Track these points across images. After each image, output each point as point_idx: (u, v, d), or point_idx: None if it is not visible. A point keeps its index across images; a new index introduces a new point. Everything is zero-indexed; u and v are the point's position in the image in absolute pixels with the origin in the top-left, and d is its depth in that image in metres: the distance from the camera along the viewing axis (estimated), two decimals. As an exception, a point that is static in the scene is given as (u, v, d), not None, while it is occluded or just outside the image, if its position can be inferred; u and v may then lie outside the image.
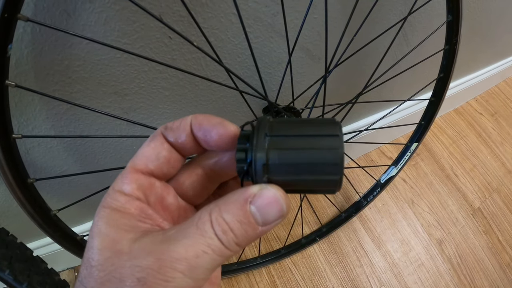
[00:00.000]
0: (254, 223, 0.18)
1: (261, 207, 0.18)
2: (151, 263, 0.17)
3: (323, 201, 1.07)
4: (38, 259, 0.52)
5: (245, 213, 0.18)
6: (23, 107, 0.43)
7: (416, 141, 0.80)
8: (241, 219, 0.18)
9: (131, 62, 0.43)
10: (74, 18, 0.37)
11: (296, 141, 0.18)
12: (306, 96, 0.59)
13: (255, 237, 0.18)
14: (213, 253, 0.17)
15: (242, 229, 0.18)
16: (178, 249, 0.17)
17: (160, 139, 0.21)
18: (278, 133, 0.19)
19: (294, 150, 0.18)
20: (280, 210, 0.18)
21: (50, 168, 0.53)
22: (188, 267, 0.17)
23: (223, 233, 0.17)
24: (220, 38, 0.46)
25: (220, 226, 0.17)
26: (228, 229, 0.18)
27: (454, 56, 0.63)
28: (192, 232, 0.17)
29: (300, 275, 0.95)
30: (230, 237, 0.18)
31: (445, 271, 1.02)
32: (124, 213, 0.20)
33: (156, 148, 0.21)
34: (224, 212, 0.18)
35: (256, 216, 0.18)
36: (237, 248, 0.18)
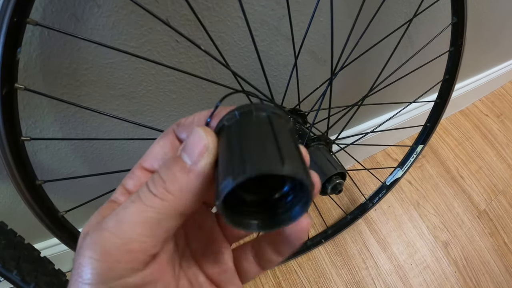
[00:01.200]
0: (183, 164, 0.17)
1: (187, 147, 0.18)
2: (92, 228, 0.17)
3: (329, 203, 1.07)
4: (46, 260, 0.52)
5: (174, 158, 0.18)
6: (31, 110, 0.44)
7: (421, 143, 0.80)
8: (169, 164, 0.18)
9: (138, 65, 0.43)
10: (82, 22, 0.37)
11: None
12: (312, 98, 0.59)
13: (189, 179, 0.17)
14: (140, 202, 0.17)
15: (170, 173, 0.17)
16: (115, 211, 0.17)
17: (170, 137, 0.21)
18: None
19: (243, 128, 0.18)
20: (201, 139, 0.18)
21: (57, 170, 0.54)
22: (115, 222, 0.17)
23: (152, 182, 0.17)
24: (227, 42, 0.46)
25: (151, 179, 0.18)
26: (158, 177, 0.17)
27: (459, 57, 0.63)
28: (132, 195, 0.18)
29: (306, 277, 0.95)
30: (158, 183, 0.17)
31: (451, 274, 1.01)
32: (115, 203, 0.20)
33: (165, 147, 0.21)
34: (159, 167, 0.18)
35: (184, 157, 0.18)
36: (169, 196, 0.17)
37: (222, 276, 0.23)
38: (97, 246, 0.16)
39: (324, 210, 1.06)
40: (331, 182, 0.45)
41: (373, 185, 1.12)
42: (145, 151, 0.24)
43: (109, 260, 0.16)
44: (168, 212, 0.17)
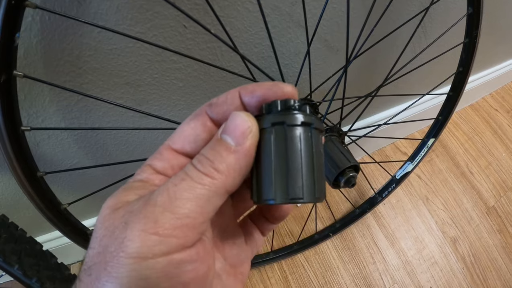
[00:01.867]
0: (227, 145, 0.18)
1: (230, 130, 0.18)
2: (137, 206, 0.17)
3: (337, 196, 1.05)
4: (48, 254, 0.51)
5: (217, 140, 0.19)
6: (32, 99, 0.42)
7: (433, 137, 0.78)
8: (213, 145, 0.19)
9: (144, 51, 0.41)
10: (85, 6, 0.35)
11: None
12: (323, 88, 0.57)
13: (235, 159, 0.18)
14: (191, 180, 0.17)
15: (215, 153, 0.18)
16: (161, 187, 0.18)
17: (202, 118, 0.20)
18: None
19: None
20: (245, 123, 0.18)
21: (60, 161, 0.52)
22: (167, 197, 0.17)
23: (199, 162, 0.18)
24: (237, 27, 0.44)
25: (196, 159, 0.18)
26: (203, 157, 0.18)
27: (474, 49, 0.61)
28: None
29: (313, 271, 0.94)
30: (205, 162, 0.18)
31: (458, 270, 1.00)
32: (146, 182, 0.20)
33: (196, 129, 0.20)
34: (202, 150, 0.19)
35: (226, 139, 0.18)
36: (217, 174, 0.18)
37: (240, 257, 0.24)
38: (150, 219, 0.16)
39: (332, 203, 1.05)
40: (344, 175, 0.43)
41: (381, 179, 1.10)
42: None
43: (161, 234, 0.16)
44: (217, 190, 0.18)
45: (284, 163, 0.19)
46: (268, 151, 0.19)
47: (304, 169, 0.19)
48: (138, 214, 0.17)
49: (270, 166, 0.19)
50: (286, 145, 0.19)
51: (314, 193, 0.19)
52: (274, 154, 0.19)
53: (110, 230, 0.17)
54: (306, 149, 0.19)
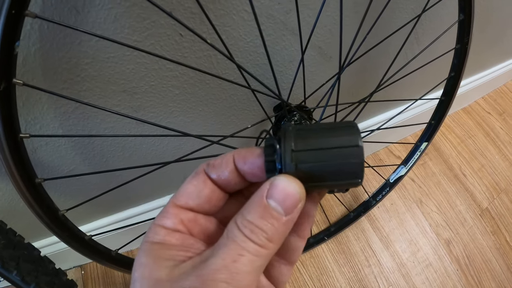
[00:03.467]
0: (277, 215, 0.18)
1: (277, 198, 0.18)
2: (192, 282, 0.17)
3: (332, 200, 1.06)
4: (46, 260, 0.51)
5: (264, 207, 0.18)
6: (30, 106, 0.42)
7: (426, 141, 0.79)
8: (263, 214, 0.18)
9: (141, 60, 0.42)
10: (83, 15, 0.36)
11: (320, 155, 0.19)
12: (317, 95, 0.58)
13: (285, 228, 0.19)
14: (249, 254, 0.18)
15: (268, 223, 0.18)
16: (215, 261, 0.17)
17: (203, 177, 0.21)
18: (303, 147, 0.20)
19: (320, 163, 0.19)
20: (296, 194, 0.19)
21: (58, 167, 0.53)
22: (229, 274, 0.17)
23: (252, 233, 0.18)
24: (232, 36, 0.45)
25: (247, 228, 0.18)
26: (255, 227, 0.18)
27: (465, 55, 0.62)
28: (224, 242, 0.18)
29: (308, 274, 0.94)
30: (259, 234, 0.18)
31: (453, 272, 1.01)
32: (165, 244, 0.20)
33: (198, 186, 0.21)
34: (246, 214, 0.19)
35: (276, 208, 0.18)
36: (271, 245, 0.18)
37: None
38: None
39: (327, 207, 1.05)
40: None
41: (375, 182, 1.11)
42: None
43: None
44: (269, 257, 0.19)
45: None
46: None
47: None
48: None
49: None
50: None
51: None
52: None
53: None
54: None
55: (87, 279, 0.87)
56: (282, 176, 0.19)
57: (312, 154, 0.19)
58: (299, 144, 0.20)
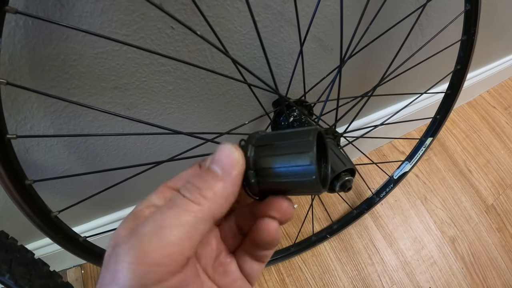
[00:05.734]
0: (214, 173, 0.20)
1: (218, 160, 0.20)
2: (124, 238, 0.18)
3: (334, 197, 1.04)
4: (40, 262, 0.50)
5: (203, 170, 0.20)
6: (19, 105, 0.41)
7: (431, 136, 0.77)
8: (200, 174, 0.20)
9: (131, 54, 0.40)
10: (68, 9, 0.34)
11: (276, 149, 0.21)
12: (317, 89, 0.56)
13: (223, 186, 0.20)
14: (177, 207, 0.18)
15: (203, 180, 0.19)
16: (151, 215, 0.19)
17: (197, 167, 0.23)
18: (262, 142, 0.22)
19: (273, 156, 0.21)
20: (233, 155, 0.20)
21: (51, 168, 0.51)
22: (154, 226, 0.18)
23: (186, 190, 0.19)
24: (227, 28, 0.43)
25: (184, 187, 0.19)
26: (191, 185, 0.19)
27: (472, 47, 0.60)
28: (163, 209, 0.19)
29: (310, 273, 0.93)
30: (193, 191, 0.19)
31: (458, 270, 0.99)
32: (137, 214, 0.21)
33: (191, 173, 0.23)
34: (189, 178, 0.20)
35: (214, 168, 0.20)
36: (203, 200, 0.19)
37: (234, 285, 0.24)
38: (137, 250, 0.17)
39: (329, 204, 1.04)
40: (339, 179, 0.42)
41: (379, 178, 1.09)
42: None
43: (149, 263, 0.17)
44: (204, 216, 0.19)
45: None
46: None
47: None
48: (125, 246, 0.17)
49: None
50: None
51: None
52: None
53: (105, 264, 0.18)
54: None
55: (87, 278, 0.86)
56: (225, 143, 0.21)
57: (268, 148, 0.21)
58: (259, 142, 0.22)
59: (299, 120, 0.49)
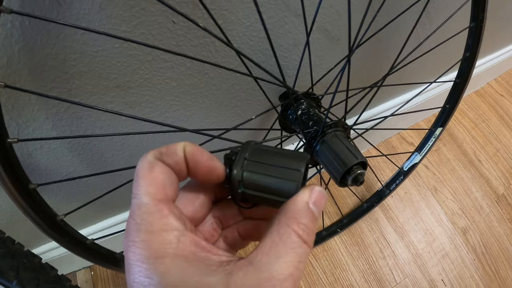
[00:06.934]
0: (316, 217, 0.21)
1: (316, 203, 0.21)
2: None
3: (344, 191, 1.03)
4: (47, 266, 0.49)
5: (311, 212, 0.21)
6: (20, 109, 0.40)
7: (440, 126, 0.75)
8: (311, 217, 0.21)
9: (132, 51, 0.39)
10: (66, 7, 0.33)
11: (267, 168, 0.23)
12: (325, 81, 0.54)
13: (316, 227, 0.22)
14: (305, 259, 0.20)
15: (313, 226, 0.21)
16: (280, 270, 0.18)
17: (162, 164, 0.21)
18: (255, 158, 0.23)
19: (263, 175, 0.23)
20: (325, 200, 0.22)
21: (55, 171, 0.50)
22: (293, 281, 0.18)
23: (308, 236, 0.20)
24: (230, 20, 0.41)
25: (304, 232, 0.20)
26: (309, 230, 0.20)
27: (480, 34, 0.58)
28: (282, 249, 0.19)
29: (321, 268, 0.92)
30: (311, 236, 0.21)
31: (470, 262, 0.97)
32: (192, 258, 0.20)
33: (165, 173, 0.21)
34: (301, 218, 0.20)
35: (315, 211, 0.21)
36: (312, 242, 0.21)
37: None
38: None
39: (339, 198, 1.02)
40: (351, 173, 0.40)
41: (388, 171, 1.07)
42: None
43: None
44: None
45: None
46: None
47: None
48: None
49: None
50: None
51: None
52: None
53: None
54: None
55: (97, 279, 0.86)
56: (316, 186, 0.22)
57: (259, 166, 0.23)
58: (252, 156, 0.24)
59: (307, 113, 0.48)
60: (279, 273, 0.18)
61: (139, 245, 0.18)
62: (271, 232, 0.20)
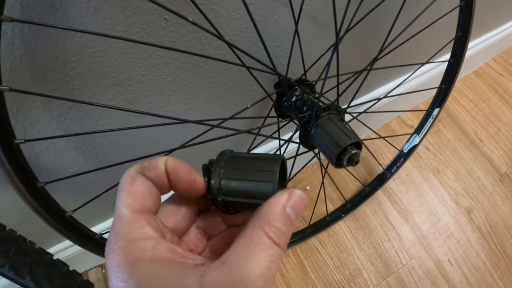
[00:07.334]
0: (292, 220, 0.21)
1: (294, 207, 0.22)
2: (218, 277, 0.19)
3: (346, 176, 1.04)
4: (59, 263, 0.51)
5: (286, 216, 0.21)
6: (25, 111, 0.42)
7: (437, 106, 0.76)
8: (286, 221, 0.21)
9: (128, 50, 0.41)
10: (63, 12, 0.34)
11: (243, 173, 0.24)
12: (318, 67, 0.55)
13: (291, 231, 0.22)
14: (277, 259, 0.20)
15: (288, 229, 0.21)
16: (252, 270, 0.19)
17: (143, 178, 0.22)
18: (231, 165, 0.24)
19: (240, 180, 0.24)
20: (305, 203, 0.22)
21: (62, 170, 0.52)
22: (264, 280, 0.19)
23: (279, 238, 0.20)
24: (220, 14, 0.43)
25: (275, 234, 0.20)
26: (281, 233, 0.21)
27: (471, 12, 0.59)
28: (254, 250, 0.20)
29: (328, 253, 0.93)
30: (283, 239, 0.21)
31: (475, 241, 0.98)
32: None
33: (145, 186, 0.22)
34: (273, 221, 0.21)
35: (291, 214, 0.21)
36: (285, 247, 0.21)
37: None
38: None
39: (341, 183, 1.04)
40: (346, 153, 0.42)
41: (389, 154, 1.08)
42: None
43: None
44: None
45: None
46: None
47: None
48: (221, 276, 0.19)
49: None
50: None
51: None
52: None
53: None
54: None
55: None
56: (296, 190, 0.22)
57: (235, 172, 0.24)
58: (228, 162, 0.25)
59: (301, 99, 0.49)
60: (250, 273, 0.19)
61: (117, 252, 0.20)
62: (244, 234, 0.21)
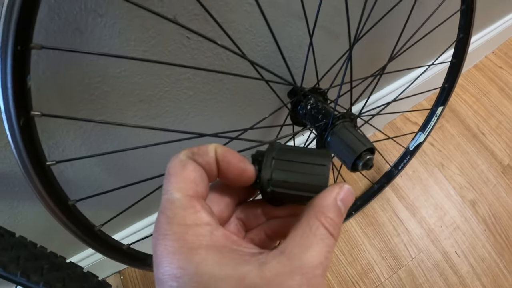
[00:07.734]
0: (342, 212, 0.22)
1: (344, 200, 0.22)
2: (299, 280, 0.19)
3: (355, 175, 1.07)
4: (89, 275, 0.53)
5: (339, 208, 0.22)
6: (50, 131, 0.43)
7: (441, 105, 0.78)
8: (338, 213, 0.21)
9: (151, 68, 0.42)
10: (88, 35, 0.35)
11: (294, 166, 0.24)
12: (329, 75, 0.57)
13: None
14: (332, 249, 0.20)
15: (340, 221, 0.22)
16: (311, 258, 0.19)
17: (194, 163, 0.22)
18: (282, 157, 0.24)
19: (292, 172, 0.24)
20: (353, 197, 0.23)
21: (86, 186, 0.53)
22: (323, 269, 0.19)
23: (334, 229, 0.21)
24: (238, 30, 0.44)
25: (330, 225, 0.21)
26: (335, 224, 0.21)
27: (472, 15, 0.60)
28: (312, 240, 0.20)
29: (340, 250, 0.95)
30: (337, 230, 0.21)
31: (481, 232, 1.00)
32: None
33: (197, 171, 0.22)
34: (328, 213, 0.21)
35: (341, 207, 0.22)
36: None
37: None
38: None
39: (351, 182, 1.06)
40: (361, 159, 0.44)
41: (395, 151, 1.10)
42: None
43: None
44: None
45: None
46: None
47: None
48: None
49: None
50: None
51: None
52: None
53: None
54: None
55: (127, 283, 0.90)
56: (346, 184, 0.23)
57: (287, 164, 0.24)
58: (280, 154, 0.24)
59: (316, 108, 0.51)
60: (310, 261, 0.19)
61: (171, 238, 0.19)
62: (300, 224, 0.21)
